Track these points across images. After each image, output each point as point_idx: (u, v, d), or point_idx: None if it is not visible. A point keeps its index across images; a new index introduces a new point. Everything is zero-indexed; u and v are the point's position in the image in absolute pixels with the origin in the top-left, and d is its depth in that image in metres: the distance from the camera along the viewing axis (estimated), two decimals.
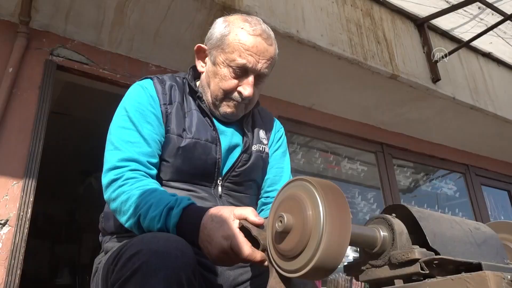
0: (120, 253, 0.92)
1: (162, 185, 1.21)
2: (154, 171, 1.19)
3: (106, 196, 1.15)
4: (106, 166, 1.16)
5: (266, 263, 0.91)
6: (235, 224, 0.95)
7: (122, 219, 1.11)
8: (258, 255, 0.91)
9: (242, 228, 0.94)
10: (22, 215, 2.38)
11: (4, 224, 2.34)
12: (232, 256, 0.93)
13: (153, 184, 1.13)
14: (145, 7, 2.70)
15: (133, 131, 1.20)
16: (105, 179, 1.15)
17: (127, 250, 0.90)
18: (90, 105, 3.95)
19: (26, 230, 2.37)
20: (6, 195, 2.39)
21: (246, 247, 0.91)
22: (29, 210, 2.42)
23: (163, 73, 2.26)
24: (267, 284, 0.89)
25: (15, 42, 2.65)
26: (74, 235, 6.16)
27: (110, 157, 1.16)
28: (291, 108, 3.79)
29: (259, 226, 0.94)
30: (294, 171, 3.83)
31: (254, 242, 0.93)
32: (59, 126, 4.10)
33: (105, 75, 2.97)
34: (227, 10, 2.67)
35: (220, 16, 1.36)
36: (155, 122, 1.22)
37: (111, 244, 1.22)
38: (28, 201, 2.43)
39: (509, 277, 0.73)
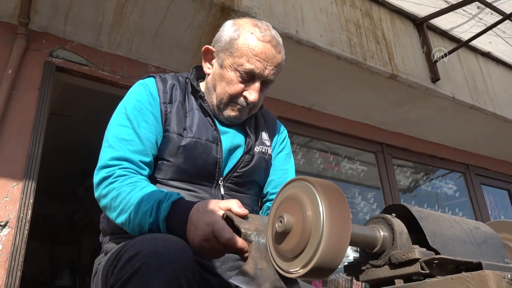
0: (119, 255, 0.92)
1: (163, 184, 1.21)
2: (145, 171, 1.19)
3: (96, 193, 1.16)
4: (98, 164, 1.17)
5: (246, 254, 0.92)
6: (218, 213, 0.97)
7: (112, 215, 1.11)
8: (239, 241, 0.93)
9: (227, 219, 0.97)
10: (22, 217, 2.38)
11: (4, 226, 2.34)
12: (214, 242, 0.94)
13: (143, 180, 1.14)
14: (144, 8, 2.70)
15: (129, 128, 1.20)
16: (96, 177, 1.16)
17: (126, 251, 0.90)
18: (90, 106, 3.96)
19: (26, 232, 2.37)
20: (6, 197, 2.39)
21: (227, 232, 0.93)
22: (29, 212, 2.42)
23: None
24: (248, 257, 0.90)
25: (14, 44, 2.65)
26: (74, 236, 6.16)
27: (103, 155, 1.17)
28: (290, 109, 3.80)
29: (244, 217, 0.97)
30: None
31: (238, 232, 0.95)
32: (59, 127, 4.10)
33: (105, 76, 2.97)
34: (226, 10, 2.67)
35: (219, 17, 1.37)
36: (152, 121, 1.22)
37: (111, 245, 1.22)
38: (28, 202, 2.43)
39: (509, 276, 0.73)
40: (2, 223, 2.34)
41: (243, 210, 0.97)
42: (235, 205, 0.98)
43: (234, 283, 0.89)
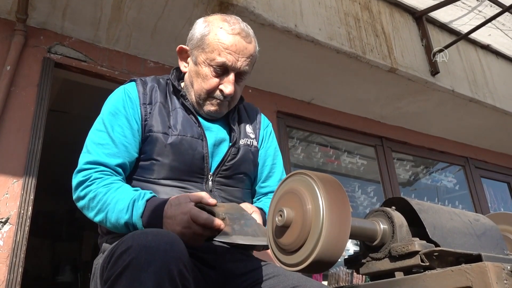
0: (112, 251, 0.95)
1: (154, 184, 1.24)
2: (121, 173, 1.24)
3: (75, 196, 1.22)
4: (77, 168, 1.23)
5: (222, 226, 1.03)
6: (191, 204, 1.06)
7: (91, 214, 1.18)
8: (215, 219, 1.03)
9: (199, 207, 1.07)
10: (23, 213, 2.39)
11: (5, 222, 2.34)
12: (194, 227, 1.02)
13: (118, 181, 1.19)
14: (142, 4, 2.69)
15: (104, 133, 1.26)
16: (74, 180, 1.21)
17: (118, 247, 0.93)
18: (89, 102, 3.93)
19: (27, 228, 2.38)
20: (7, 193, 2.39)
21: (203, 213, 1.03)
22: (30, 208, 2.42)
23: (161, 69, 2.26)
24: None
25: (12, 40, 2.64)
26: (75, 232, 6.17)
27: (81, 159, 1.24)
28: (290, 103, 3.79)
29: (213, 205, 1.08)
30: (294, 166, 3.86)
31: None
32: (58, 124, 4.09)
33: (103, 72, 2.96)
34: (225, 5, 2.66)
35: (217, 12, 1.37)
36: (125, 124, 1.27)
37: (107, 245, 1.25)
38: (29, 199, 2.43)
39: (508, 267, 0.73)
40: (3, 220, 2.34)
41: (211, 200, 1.08)
42: (204, 196, 1.08)
43: (218, 240, 1.04)
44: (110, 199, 1.13)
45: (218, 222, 1.03)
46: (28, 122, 2.58)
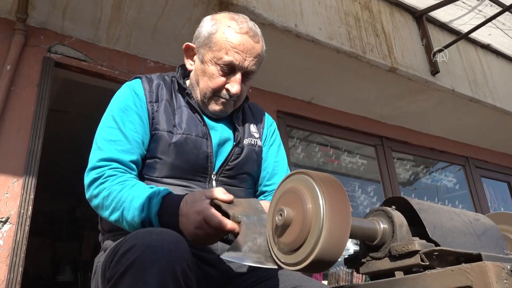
0: (115, 250, 0.94)
1: (157, 182, 1.23)
2: (134, 169, 1.22)
3: (88, 194, 1.19)
4: (88, 166, 1.20)
5: (236, 230, 0.98)
6: (206, 202, 1.02)
7: (105, 213, 1.15)
8: (228, 223, 0.98)
9: (214, 206, 1.03)
10: (23, 213, 2.39)
11: (5, 222, 2.34)
12: (207, 228, 0.99)
13: (132, 178, 1.17)
14: (142, 3, 2.69)
15: (115, 129, 1.24)
16: (87, 178, 1.19)
17: (121, 246, 0.92)
18: (89, 102, 3.95)
19: (27, 228, 2.38)
20: (7, 193, 2.39)
21: (216, 216, 0.98)
22: (30, 208, 2.42)
23: (161, 69, 2.26)
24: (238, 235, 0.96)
25: (12, 40, 2.64)
26: (75, 232, 6.17)
27: (92, 157, 1.21)
28: (290, 102, 3.79)
29: (229, 202, 1.03)
30: (294, 165, 3.86)
31: (227, 216, 1.01)
32: (58, 123, 4.09)
33: (103, 71, 2.96)
34: (225, 4, 2.66)
35: (218, 11, 1.37)
36: (137, 121, 1.25)
37: (109, 243, 1.24)
38: (29, 198, 2.43)
39: (508, 267, 0.73)
40: (3, 219, 2.34)
41: (227, 197, 1.03)
42: (219, 193, 1.04)
43: (226, 259, 0.95)
44: (125, 197, 1.10)
45: (231, 226, 0.98)
46: (28, 122, 2.58)
